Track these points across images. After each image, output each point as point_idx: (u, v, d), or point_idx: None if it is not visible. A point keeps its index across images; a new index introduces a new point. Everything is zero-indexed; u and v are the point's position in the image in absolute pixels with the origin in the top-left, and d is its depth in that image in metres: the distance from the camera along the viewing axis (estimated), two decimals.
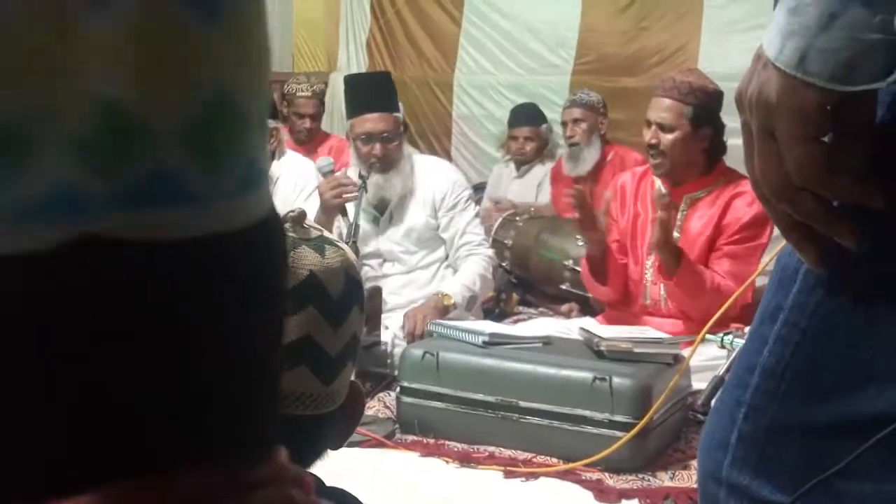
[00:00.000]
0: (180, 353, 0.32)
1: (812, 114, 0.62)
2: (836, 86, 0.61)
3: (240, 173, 0.33)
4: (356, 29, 5.69)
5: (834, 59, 0.60)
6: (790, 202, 0.66)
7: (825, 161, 0.64)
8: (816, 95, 0.62)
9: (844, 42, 0.60)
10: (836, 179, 0.64)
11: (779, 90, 0.63)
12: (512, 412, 2.42)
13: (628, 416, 2.29)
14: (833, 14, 0.59)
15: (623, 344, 2.49)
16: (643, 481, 2.27)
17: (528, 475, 2.28)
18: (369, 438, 2.43)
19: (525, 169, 4.58)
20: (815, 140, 0.64)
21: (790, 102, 0.63)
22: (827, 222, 0.66)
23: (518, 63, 5.18)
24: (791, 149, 0.64)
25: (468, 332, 2.62)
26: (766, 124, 0.65)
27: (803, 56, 0.61)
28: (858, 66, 0.60)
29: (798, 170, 0.64)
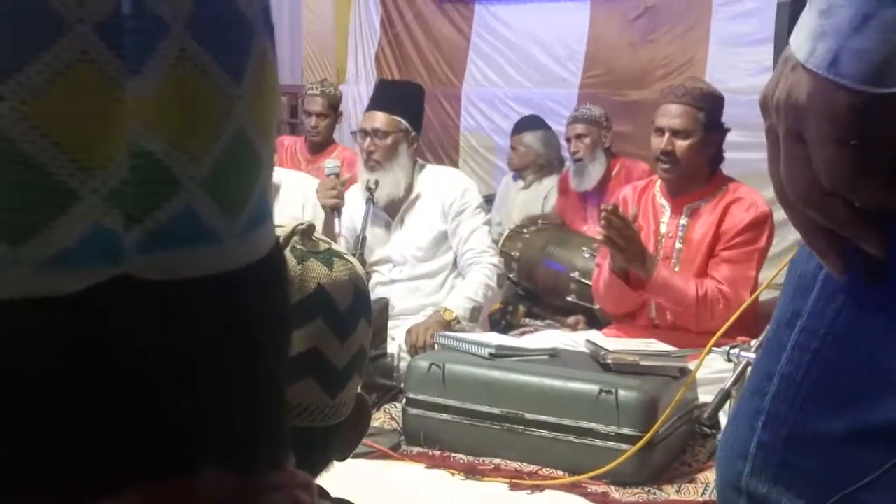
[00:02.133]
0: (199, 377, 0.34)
1: (843, 115, 0.61)
2: (869, 87, 0.60)
3: (251, 212, 0.35)
4: (365, 42, 5.71)
5: (867, 61, 0.59)
6: (817, 207, 0.65)
7: (855, 164, 0.62)
8: (848, 97, 0.60)
9: (878, 43, 0.59)
10: (865, 183, 0.63)
11: (810, 92, 0.62)
12: (518, 424, 2.42)
13: (634, 429, 2.29)
14: (867, 15, 0.58)
15: (629, 357, 2.49)
16: (649, 494, 2.27)
17: (534, 488, 2.28)
18: (375, 450, 2.43)
19: (531, 181, 4.58)
20: (845, 143, 0.62)
21: (821, 104, 0.61)
22: (854, 228, 0.65)
23: (526, 76, 5.20)
24: (820, 151, 0.63)
25: (474, 344, 2.62)
26: (794, 127, 0.64)
27: (836, 57, 0.60)
28: (891, 67, 0.59)
29: (827, 172, 0.63)
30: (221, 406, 0.35)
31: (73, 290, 0.31)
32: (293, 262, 0.85)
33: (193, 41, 0.33)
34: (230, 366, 0.36)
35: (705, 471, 2.42)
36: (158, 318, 0.33)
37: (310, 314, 0.84)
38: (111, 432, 0.32)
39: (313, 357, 0.83)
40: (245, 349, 0.36)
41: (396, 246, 3.27)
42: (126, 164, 0.31)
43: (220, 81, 0.33)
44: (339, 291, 0.86)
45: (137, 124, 0.31)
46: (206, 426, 0.35)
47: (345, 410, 0.88)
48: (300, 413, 0.83)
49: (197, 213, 0.33)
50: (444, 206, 3.23)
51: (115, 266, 0.32)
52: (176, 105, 0.32)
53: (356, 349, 0.88)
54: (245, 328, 0.36)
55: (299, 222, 0.91)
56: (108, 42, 0.31)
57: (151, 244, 0.32)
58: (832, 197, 0.63)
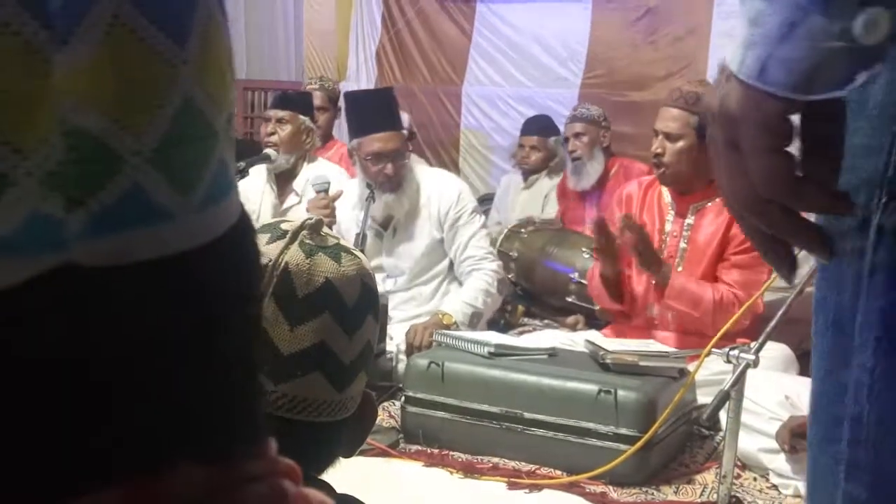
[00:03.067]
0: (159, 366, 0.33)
1: (774, 124, 0.62)
2: (797, 95, 0.60)
3: (209, 187, 0.33)
4: (366, 39, 5.72)
5: (794, 69, 0.59)
6: (759, 215, 0.65)
7: (790, 171, 0.63)
8: (778, 105, 0.61)
9: (804, 51, 0.59)
10: (802, 190, 0.63)
11: (740, 101, 0.62)
12: (516, 423, 2.42)
13: (633, 430, 2.29)
14: (793, 23, 0.59)
15: (629, 357, 2.49)
16: (647, 495, 2.27)
17: (532, 487, 2.28)
18: (373, 447, 2.43)
19: (532, 180, 4.59)
20: (779, 150, 0.63)
21: (752, 113, 0.62)
22: (797, 235, 0.66)
23: (527, 75, 5.20)
24: (755, 160, 0.63)
25: (474, 343, 2.62)
26: (730, 136, 0.64)
27: (764, 66, 0.60)
28: (819, 74, 0.59)
29: (763, 181, 0.63)
30: (187, 394, 0.34)
31: (13, 282, 0.29)
32: (301, 257, 0.85)
33: (128, 4, 0.30)
34: (192, 351, 0.34)
35: (703, 472, 2.42)
36: (109, 307, 0.31)
37: (318, 308, 0.84)
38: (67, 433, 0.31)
39: (321, 351, 0.84)
40: (207, 332, 0.34)
41: (390, 257, 3.25)
42: (61, 144, 0.29)
43: (160, 48, 0.31)
44: (347, 286, 0.86)
45: (70, 100, 0.29)
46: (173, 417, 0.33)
47: (351, 405, 0.89)
48: (307, 407, 0.84)
49: (145, 191, 0.31)
50: (439, 215, 3.19)
51: (57, 254, 0.30)
52: (111, 76, 0.30)
53: (363, 344, 0.88)
54: (207, 309, 0.34)
55: (308, 217, 0.91)
56: (31, 11, 0.28)
57: (97, 228, 0.30)
58: (772, 205, 0.64)
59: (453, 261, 3.25)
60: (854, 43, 0.58)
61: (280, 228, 0.88)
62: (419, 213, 3.20)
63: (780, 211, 0.64)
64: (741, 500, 2.24)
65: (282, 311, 0.82)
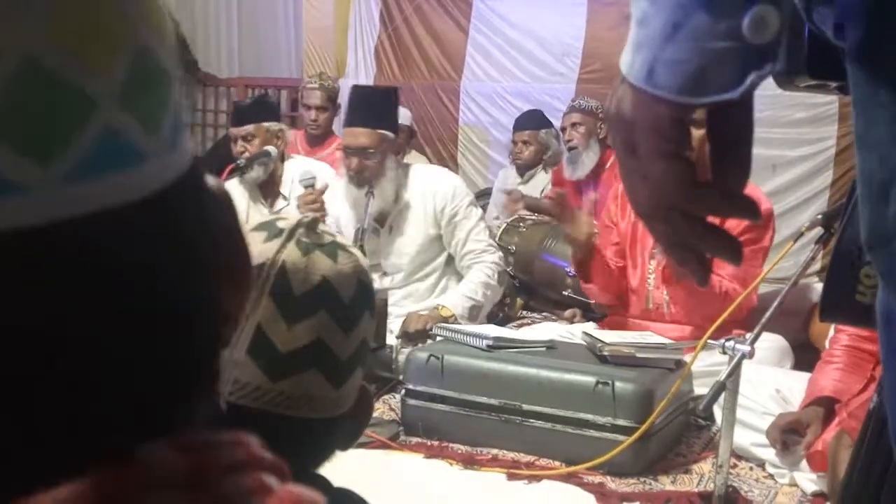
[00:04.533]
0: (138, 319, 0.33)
1: (665, 128, 0.59)
2: (686, 98, 0.57)
3: (170, 129, 0.34)
4: (365, 36, 5.72)
5: (681, 71, 0.57)
6: (662, 221, 0.62)
7: (686, 176, 0.60)
8: (668, 109, 0.58)
9: (690, 52, 0.56)
10: (700, 194, 0.61)
11: (632, 105, 0.60)
12: (515, 415, 2.44)
13: (630, 421, 2.31)
14: (676, 24, 0.56)
15: (626, 349, 2.52)
16: (645, 485, 2.29)
17: (531, 478, 2.30)
18: (374, 440, 2.45)
19: (529, 175, 4.60)
20: (674, 155, 0.60)
21: (645, 117, 0.59)
22: (703, 240, 0.63)
23: (524, 71, 5.21)
24: (650, 165, 0.60)
25: (472, 336, 2.64)
26: (627, 141, 0.62)
27: (651, 69, 0.58)
28: (708, 76, 0.57)
29: (659, 187, 0.60)
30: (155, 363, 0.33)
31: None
32: (298, 255, 0.86)
33: None
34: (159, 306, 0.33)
35: (700, 462, 2.44)
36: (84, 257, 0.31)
37: (314, 306, 0.85)
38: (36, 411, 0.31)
39: (318, 349, 0.84)
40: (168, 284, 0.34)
41: (387, 255, 3.25)
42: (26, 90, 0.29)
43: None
44: (344, 284, 0.87)
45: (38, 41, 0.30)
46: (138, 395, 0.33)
47: (348, 401, 0.89)
48: (304, 404, 0.84)
49: (120, 131, 0.32)
50: (435, 211, 3.19)
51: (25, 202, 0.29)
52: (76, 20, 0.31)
53: (360, 341, 0.88)
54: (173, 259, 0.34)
55: (304, 215, 0.92)
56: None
57: (71, 174, 0.30)
58: (672, 210, 0.61)
59: (454, 256, 3.25)
60: (742, 42, 0.55)
61: (276, 227, 0.88)
62: (414, 209, 3.20)
63: (682, 216, 0.61)
64: (738, 490, 2.26)
65: (279, 308, 0.83)
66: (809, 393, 2.35)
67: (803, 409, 2.32)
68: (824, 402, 2.28)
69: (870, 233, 0.60)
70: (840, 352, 2.36)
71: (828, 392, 2.28)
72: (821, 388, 2.31)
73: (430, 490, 2.25)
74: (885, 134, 0.58)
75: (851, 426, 1.93)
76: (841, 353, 2.36)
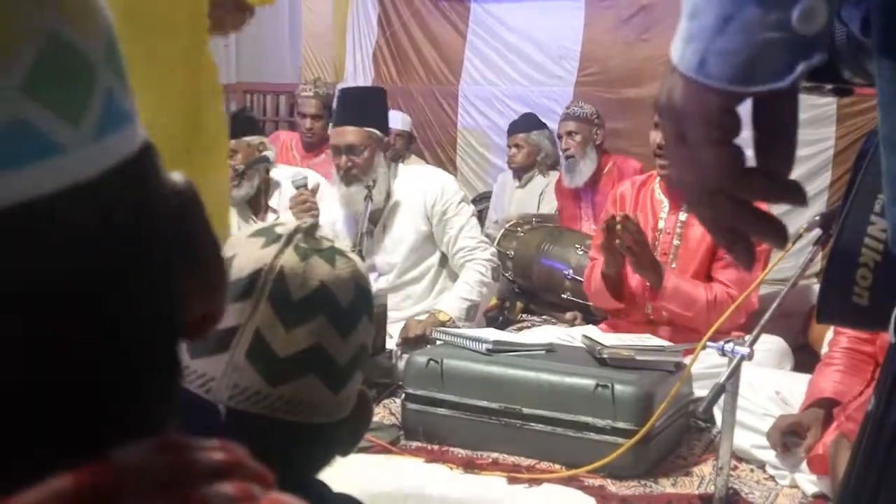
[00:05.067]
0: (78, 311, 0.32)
1: (716, 116, 0.62)
2: (737, 87, 0.60)
3: (97, 116, 0.33)
4: (363, 41, 5.73)
5: (732, 61, 0.59)
6: (710, 207, 0.65)
7: (736, 162, 0.63)
8: (718, 98, 0.61)
9: (741, 43, 0.59)
10: (748, 180, 0.63)
11: (683, 95, 0.62)
12: (515, 419, 2.44)
13: (630, 423, 2.31)
14: (728, 16, 0.58)
15: (625, 352, 2.52)
16: (645, 488, 2.29)
17: (532, 481, 2.30)
18: (374, 445, 2.46)
19: (526, 178, 4.61)
20: (723, 142, 0.63)
21: (694, 106, 0.62)
22: (750, 225, 0.65)
23: (522, 74, 5.22)
24: (700, 152, 0.63)
25: (472, 340, 2.64)
26: (677, 129, 0.64)
27: (703, 59, 0.60)
28: (758, 66, 0.59)
29: (709, 173, 0.63)
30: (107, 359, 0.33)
31: None
32: (296, 260, 0.86)
33: None
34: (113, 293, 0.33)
35: (701, 464, 2.45)
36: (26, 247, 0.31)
37: (313, 311, 0.85)
38: None
39: (316, 353, 0.84)
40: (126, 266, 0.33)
41: (380, 254, 3.25)
42: None
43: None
44: (342, 288, 0.87)
45: None
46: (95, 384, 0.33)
47: (347, 406, 0.89)
48: (303, 409, 0.84)
49: (26, 122, 0.31)
50: (425, 208, 3.19)
51: None
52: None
53: (358, 345, 0.88)
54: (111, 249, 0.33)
55: (302, 221, 0.93)
56: None
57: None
58: (721, 196, 0.64)
59: (446, 254, 3.25)
60: (791, 33, 0.57)
61: (274, 232, 0.89)
62: (404, 207, 3.21)
63: (730, 202, 0.64)
64: (738, 492, 2.26)
65: (277, 313, 0.83)
66: (809, 395, 2.35)
67: (803, 411, 2.32)
68: (824, 403, 2.28)
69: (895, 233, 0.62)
70: (839, 354, 2.36)
71: (828, 394, 2.28)
72: (821, 390, 2.31)
73: (431, 494, 2.25)
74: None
75: (850, 429, 1.93)
76: (840, 355, 2.36)
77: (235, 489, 0.35)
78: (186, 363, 0.83)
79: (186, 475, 0.34)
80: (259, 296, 0.83)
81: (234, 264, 0.85)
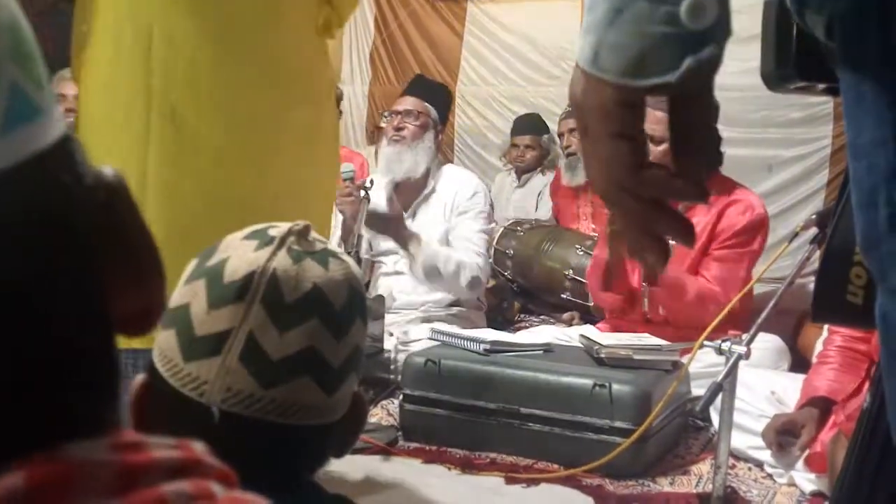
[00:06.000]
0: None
1: (611, 110, 0.61)
2: (627, 81, 0.60)
3: (4, 112, 0.33)
4: (360, 41, 5.72)
5: (623, 54, 0.59)
6: (615, 203, 0.64)
7: (633, 157, 0.62)
8: (612, 91, 0.60)
9: (631, 36, 0.58)
10: (647, 176, 0.62)
11: (582, 88, 0.62)
12: (513, 419, 2.44)
13: (628, 423, 2.31)
14: (618, 9, 0.58)
15: (622, 351, 2.52)
16: (643, 487, 2.29)
17: (530, 481, 2.30)
18: (372, 446, 2.45)
19: (526, 178, 4.61)
20: (620, 136, 0.62)
21: (591, 100, 0.62)
22: (656, 222, 0.64)
23: (519, 75, 5.22)
24: (598, 147, 0.63)
25: (470, 340, 2.64)
26: (581, 124, 0.64)
27: (596, 52, 0.60)
28: (647, 60, 0.59)
29: (608, 168, 0.62)
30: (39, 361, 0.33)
31: None
32: (289, 263, 0.86)
33: None
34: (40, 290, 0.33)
35: (698, 463, 2.45)
36: None
37: (306, 314, 0.85)
38: None
39: (310, 356, 0.84)
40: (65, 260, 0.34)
41: None
42: None
43: None
44: (335, 291, 0.87)
45: None
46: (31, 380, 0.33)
47: (341, 408, 0.89)
48: (297, 411, 0.84)
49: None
50: (454, 205, 3.29)
51: None
52: None
53: (352, 347, 0.88)
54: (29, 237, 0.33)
55: (295, 223, 0.92)
56: None
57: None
58: (625, 192, 0.63)
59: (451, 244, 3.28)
60: (681, 28, 0.57)
61: (267, 234, 0.88)
62: (437, 201, 3.30)
63: (633, 197, 0.63)
64: (736, 490, 2.26)
65: (270, 316, 0.83)
66: (804, 394, 2.35)
67: (798, 409, 2.32)
68: (819, 402, 2.28)
69: (862, 237, 0.62)
70: (834, 352, 2.37)
71: (822, 392, 2.29)
72: (815, 389, 2.31)
73: (429, 495, 2.25)
74: (871, 140, 0.60)
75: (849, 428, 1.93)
76: (835, 353, 2.36)
77: (193, 487, 0.34)
78: (180, 366, 0.83)
79: (141, 473, 0.33)
80: (252, 298, 0.83)
81: (227, 267, 0.85)
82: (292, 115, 1.83)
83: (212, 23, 1.75)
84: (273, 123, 1.81)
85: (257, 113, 1.78)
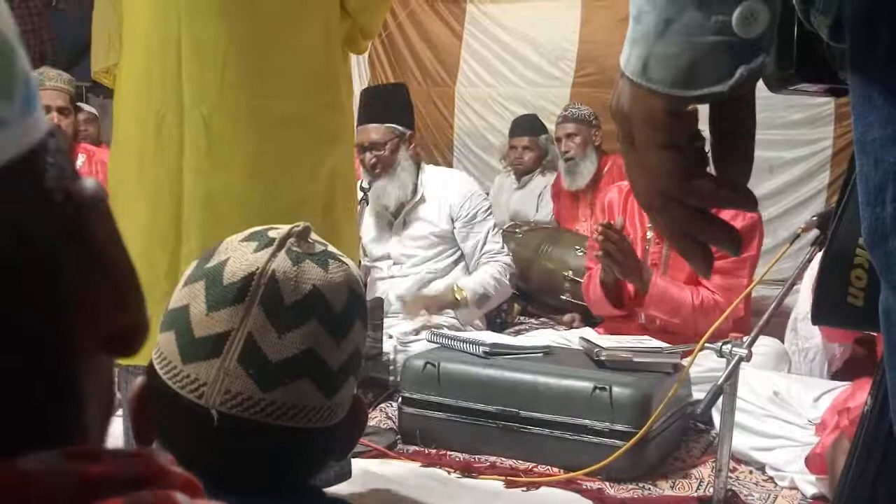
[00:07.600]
0: None
1: (659, 121, 0.61)
2: (678, 91, 0.59)
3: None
4: None
5: (673, 65, 0.59)
6: (660, 211, 0.64)
7: (681, 167, 0.62)
8: (661, 102, 0.60)
9: (681, 47, 0.58)
10: (694, 185, 0.62)
11: (629, 99, 0.62)
12: (513, 422, 2.44)
13: (628, 426, 2.31)
14: (668, 19, 0.58)
15: (623, 354, 2.51)
16: (643, 490, 2.29)
17: (530, 485, 2.30)
18: (371, 449, 2.45)
19: (525, 180, 4.61)
20: (669, 147, 0.62)
21: (639, 111, 0.62)
22: (702, 231, 0.64)
23: (519, 75, 5.21)
24: (647, 157, 0.63)
25: (469, 343, 2.64)
26: (626, 134, 0.64)
27: (645, 63, 0.60)
28: (699, 70, 0.58)
29: (654, 177, 0.63)
30: None
31: None
32: (289, 264, 0.85)
33: None
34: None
35: (699, 466, 2.44)
36: None
37: (305, 316, 0.84)
38: None
39: (309, 358, 0.84)
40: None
41: (397, 245, 3.35)
42: None
43: None
44: (335, 293, 0.86)
45: None
46: None
47: (341, 411, 0.88)
48: (296, 414, 0.84)
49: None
50: (450, 209, 3.30)
51: None
52: None
53: (351, 350, 0.88)
54: None
55: (295, 224, 0.92)
56: None
57: None
58: (672, 201, 0.63)
59: (467, 255, 3.35)
60: (733, 37, 0.57)
61: (267, 236, 0.88)
62: (428, 205, 3.31)
63: (679, 206, 0.63)
64: (737, 494, 2.26)
65: (269, 318, 0.83)
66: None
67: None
68: None
69: (868, 233, 0.62)
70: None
71: None
72: None
73: (428, 499, 2.25)
74: (879, 137, 0.60)
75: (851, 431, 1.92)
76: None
77: (155, 498, 0.34)
78: (179, 368, 0.83)
79: (100, 484, 0.33)
80: (251, 300, 0.83)
81: (226, 268, 0.84)
82: (319, 120, 1.82)
83: (239, 28, 1.73)
84: (303, 130, 1.80)
85: (286, 120, 1.77)
